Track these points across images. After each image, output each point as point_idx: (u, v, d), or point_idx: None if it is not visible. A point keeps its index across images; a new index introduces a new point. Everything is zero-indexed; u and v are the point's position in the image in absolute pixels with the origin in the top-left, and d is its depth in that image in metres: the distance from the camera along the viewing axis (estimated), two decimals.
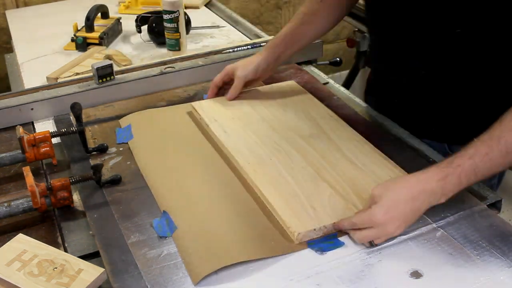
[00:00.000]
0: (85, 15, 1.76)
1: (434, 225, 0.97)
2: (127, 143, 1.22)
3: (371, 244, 0.92)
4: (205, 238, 0.93)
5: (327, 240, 0.94)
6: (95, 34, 1.73)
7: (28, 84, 1.53)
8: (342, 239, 0.94)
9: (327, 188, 1.03)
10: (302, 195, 1.00)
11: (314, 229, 0.93)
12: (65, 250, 0.95)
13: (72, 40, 1.73)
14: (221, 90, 1.36)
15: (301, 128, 1.22)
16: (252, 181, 1.05)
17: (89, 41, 1.73)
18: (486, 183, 1.09)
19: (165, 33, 1.67)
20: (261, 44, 1.60)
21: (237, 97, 1.32)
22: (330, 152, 1.13)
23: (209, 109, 1.29)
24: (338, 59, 1.70)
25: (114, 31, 1.81)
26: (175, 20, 1.64)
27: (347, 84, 2.74)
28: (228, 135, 1.19)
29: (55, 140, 1.21)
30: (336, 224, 0.94)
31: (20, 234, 0.95)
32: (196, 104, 1.31)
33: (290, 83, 1.43)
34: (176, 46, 1.67)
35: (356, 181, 1.04)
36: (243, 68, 1.32)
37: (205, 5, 2.11)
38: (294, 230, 0.93)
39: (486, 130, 0.93)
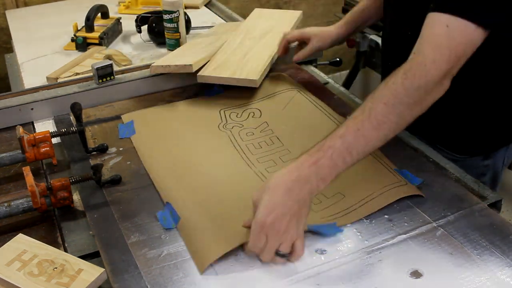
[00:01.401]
0: (85, 15, 1.76)
1: (434, 224, 0.97)
2: (129, 140, 1.22)
3: (282, 255, 0.88)
4: (208, 226, 0.94)
5: (326, 227, 0.94)
6: (95, 34, 1.73)
7: (28, 84, 1.53)
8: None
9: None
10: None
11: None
12: (65, 250, 0.95)
13: (72, 40, 1.73)
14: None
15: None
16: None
17: (89, 41, 1.73)
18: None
19: (165, 33, 1.67)
20: None
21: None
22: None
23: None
24: (338, 59, 1.71)
25: (114, 31, 1.81)
26: (175, 20, 1.64)
27: (347, 84, 2.74)
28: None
29: (55, 140, 1.21)
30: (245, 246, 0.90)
31: (20, 234, 0.95)
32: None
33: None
34: (176, 46, 1.67)
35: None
36: (320, 39, 1.36)
37: (205, 5, 2.11)
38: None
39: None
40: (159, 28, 1.70)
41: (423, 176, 1.06)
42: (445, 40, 0.91)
